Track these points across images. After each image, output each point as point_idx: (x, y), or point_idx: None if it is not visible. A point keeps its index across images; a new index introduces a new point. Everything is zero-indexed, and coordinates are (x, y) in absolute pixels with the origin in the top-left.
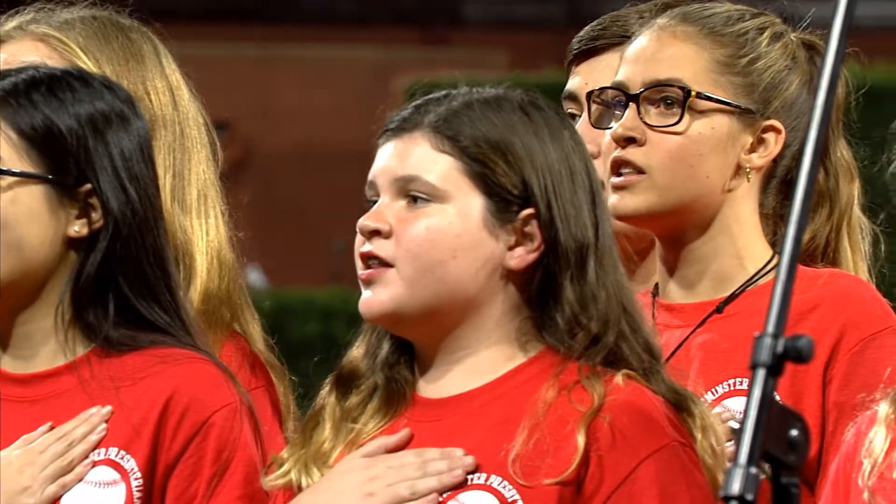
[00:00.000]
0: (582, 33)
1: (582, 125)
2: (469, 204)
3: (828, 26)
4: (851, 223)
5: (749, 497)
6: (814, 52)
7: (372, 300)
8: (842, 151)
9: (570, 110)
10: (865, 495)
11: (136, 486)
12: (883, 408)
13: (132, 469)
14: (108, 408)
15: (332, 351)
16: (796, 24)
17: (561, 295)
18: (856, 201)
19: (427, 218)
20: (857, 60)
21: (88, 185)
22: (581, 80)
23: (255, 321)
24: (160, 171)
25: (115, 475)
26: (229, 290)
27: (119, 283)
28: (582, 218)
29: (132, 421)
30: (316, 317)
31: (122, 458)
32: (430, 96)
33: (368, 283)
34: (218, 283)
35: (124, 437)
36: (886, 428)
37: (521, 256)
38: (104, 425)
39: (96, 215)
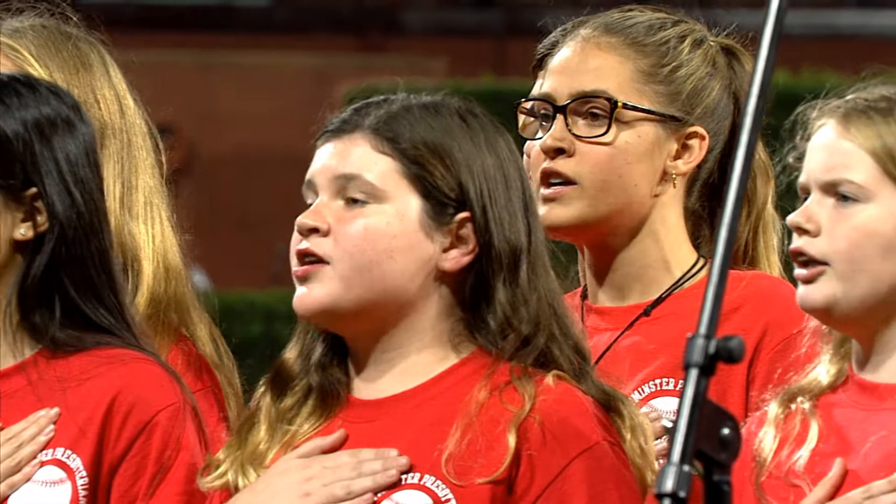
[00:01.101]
0: (546, 39)
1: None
2: (407, 205)
3: (748, 33)
4: (766, 222)
5: (682, 494)
6: (733, 57)
7: (306, 296)
8: (759, 153)
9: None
10: (755, 492)
11: (82, 485)
12: (772, 408)
13: (78, 468)
14: (56, 409)
15: (274, 352)
16: (715, 29)
17: (493, 297)
18: (770, 201)
19: (365, 218)
20: (785, 67)
21: (34, 189)
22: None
23: (203, 323)
24: (109, 180)
25: (62, 474)
26: (176, 294)
27: (65, 285)
28: (516, 223)
29: (78, 421)
30: (258, 318)
31: (68, 458)
32: (370, 100)
33: (303, 279)
34: (164, 288)
35: (70, 436)
36: (775, 428)
37: (455, 258)
38: (52, 427)
39: (41, 218)
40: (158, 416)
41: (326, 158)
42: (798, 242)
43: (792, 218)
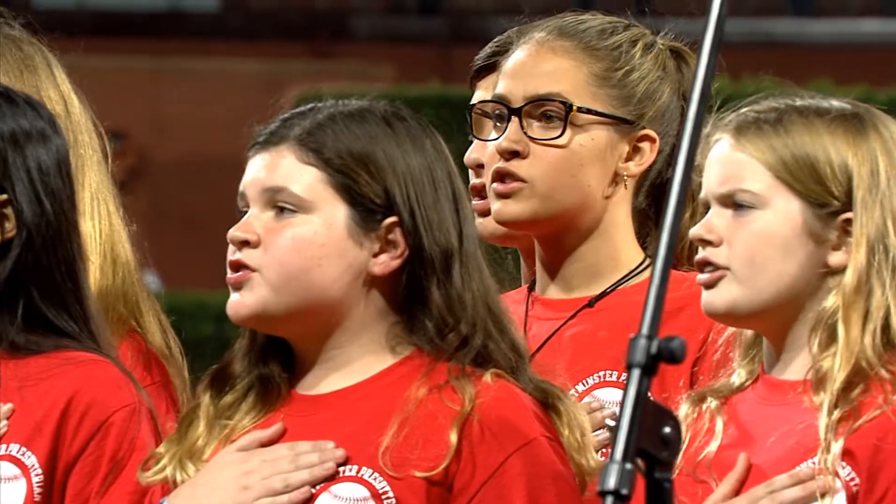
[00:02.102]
0: (482, 51)
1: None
2: (334, 214)
3: (689, 41)
4: None
5: (624, 491)
6: (681, 61)
7: (238, 303)
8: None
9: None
10: None
11: (37, 482)
12: (683, 408)
13: (33, 465)
14: (9, 405)
15: (224, 351)
16: (661, 34)
17: (428, 299)
18: None
19: (293, 228)
20: (725, 74)
21: (4, 196)
22: (483, 94)
23: (154, 316)
24: None
25: (17, 471)
26: (124, 286)
27: (30, 291)
28: (445, 224)
29: (34, 419)
30: (209, 319)
31: (23, 455)
32: (297, 110)
33: (235, 287)
34: (112, 280)
35: (26, 434)
36: (686, 427)
37: (384, 263)
38: (5, 422)
39: (10, 225)
40: (114, 416)
41: (255, 171)
42: (702, 253)
43: (694, 231)
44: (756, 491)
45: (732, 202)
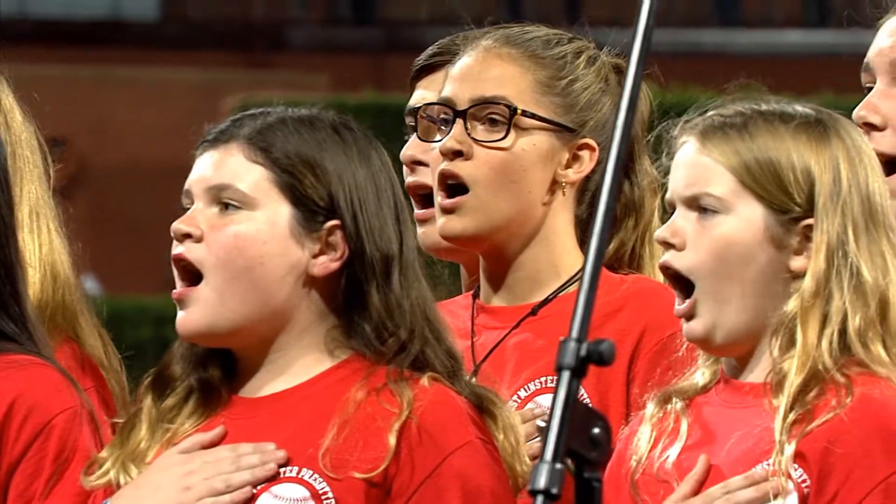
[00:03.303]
0: (425, 52)
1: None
2: (277, 212)
3: (625, 52)
4: (652, 232)
5: (554, 490)
6: (622, 76)
7: (186, 320)
8: (646, 166)
9: (413, 125)
10: (630, 489)
11: None
12: (649, 408)
13: None
14: None
15: (164, 354)
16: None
17: (368, 304)
18: (656, 213)
19: (236, 224)
20: (656, 83)
21: None
22: (422, 94)
23: (92, 329)
24: None
25: None
26: (64, 301)
27: None
28: (387, 232)
29: None
30: (149, 322)
31: None
32: (247, 112)
33: (180, 303)
34: (52, 294)
35: None
36: (651, 427)
37: (324, 264)
38: None
39: None
40: (56, 419)
41: (203, 168)
42: (665, 257)
43: (659, 233)
44: (713, 492)
45: (697, 205)
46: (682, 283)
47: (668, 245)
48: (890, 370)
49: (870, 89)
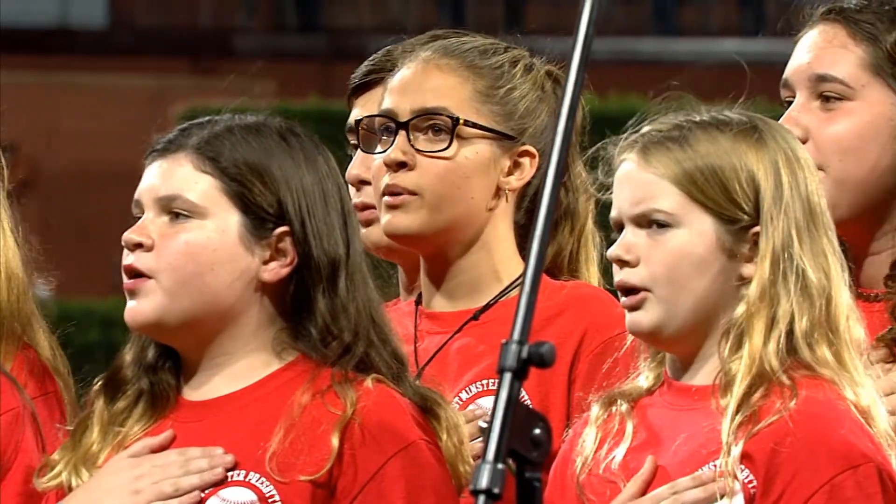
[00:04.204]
0: (358, 70)
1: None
2: (227, 220)
3: (564, 60)
4: (587, 237)
5: (496, 490)
6: (556, 84)
7: (135, 310)
8: (580, 172)
9: (354, 142)
10: (576, 490)
11: None
12: (594, 410)
13: None
14: None
15: (112, 357)
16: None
17: (314, 307)
18: (591, 218)
19: (187, 233)
20: (592, 91)
21: None
22: (360, 111)
23: (44, 331)
24: None
25: None
26: (19, 304)
27: None
28: (334, 236)
29: None
30: (97, 325)
31: None
32: (195, 121)
33: (132, 293)
34: (7, 297)
35: None
36: (597, 429)
37: (274, 270)
38: None
39: None
40: None
41: (152, 178)
42: (620, 275)
43: (612, 252)
44: (660, 492)
45: (647, 221)
46: (635, 291)
47: (621, 263)
48: (834, 372)
49: (790, 103)
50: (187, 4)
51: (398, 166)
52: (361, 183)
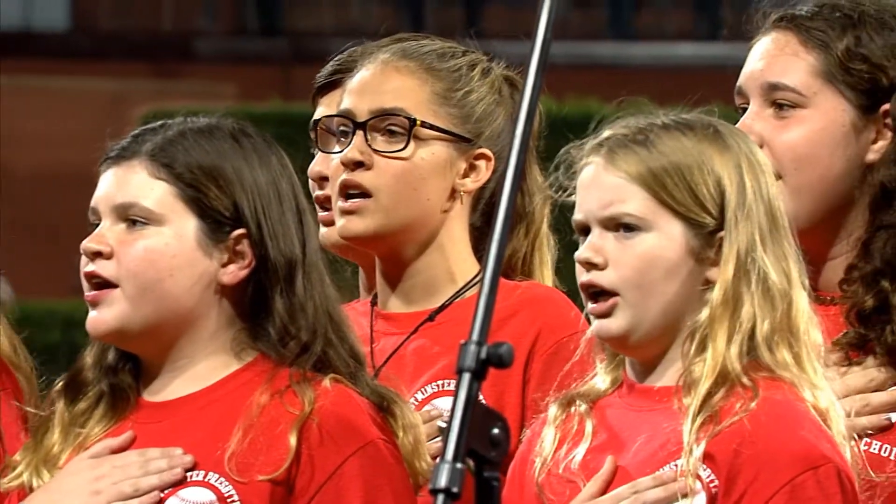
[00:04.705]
0: (323, 69)
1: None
2: (184, 226)
3: (522, 64)
4: (542, 240)
5: (455, 489)
6: (514, 88)
7: (98, 319)
8: (536, 176)
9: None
10: (535, 490)
11: None
12: (552, 410)
13: None
14: None
15: (73, 358)
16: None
17: (272, 307)
18: (546, 221)
19: (145, 240)
20: (550, 95)
21: None
22: (325, 110)
23: (4, 327)
24: None
25: None
26: None
27: None
28: (290, 236)
29: None
30: (58, 326)
31: None
32: (147, 126)
33: (94, 303)
34: None
35: None
36: (555, 429)
37: (233, 273)
38: None
39: None
40: None
41: (107, 186)
42: (587, 276)
43: (580, 254)
44: (621, 492)
45: (616, 224)
46: (602, 293)
47: (590, 265)
48: (793, 374)
49: (744, 110)
50: (149, 8)
51: (355, 165)
52: (323, 179)
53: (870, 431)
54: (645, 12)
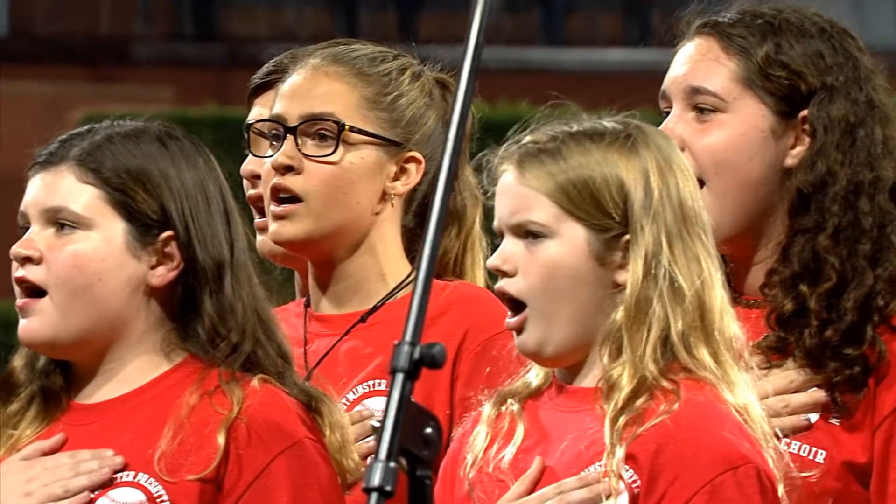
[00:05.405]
0: (260, 70)
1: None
2: (112, 230)
3: (456, 69)
4: (473, 241)
5: (388, 488)
6: (446, 90)
7: (29, 330)
8: (468, 177)
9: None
10: (466, 488)
11: None
12: (486, 409)
13: None
14: None
15: (8, 358)
16: (426, 65)
17: (201, 308)
18: (478, 221)
19: (74, 244)
20: (482, 99)
21: None
22: (260, 110)
23: None
24: None
25: None
26: None
27: None
28: (218, 237)
29: None
30: None
31: None
32: (75, 131)
33: (24, 312)
34: None
35: None
36: (488, 427)
37: (162, 275)
38: None
39: None
40: None
41: (36, 191)
42: (500, 283)
43: (491, 261)
44: (546, 492)
45: (524, 232)
46: (516, 303)
47: (500, 272)
48: (712, 374)
49: (668, 114)
50: (86, 12)
51: (285, 170)
52: (255, 177)
53: (790, 432)
54: (576, 18)
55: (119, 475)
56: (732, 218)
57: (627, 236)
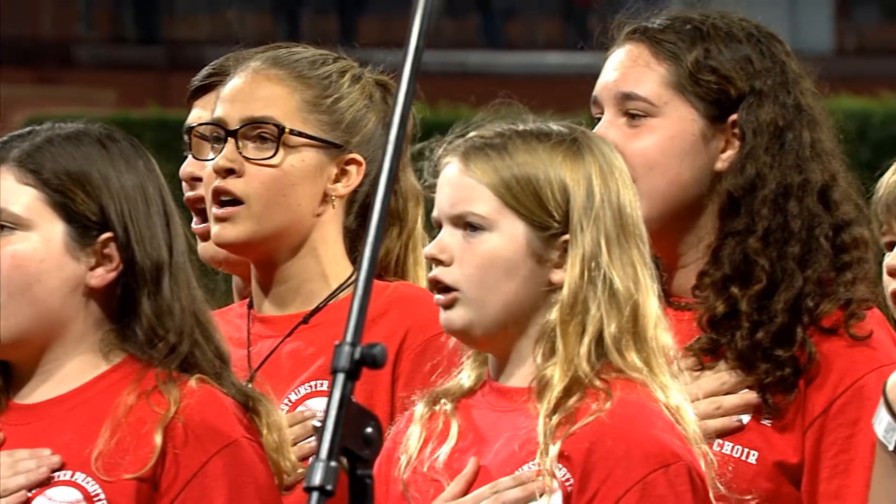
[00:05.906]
0: (200, 72)
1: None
2: (51, 231)
3: (396, 72)
4: (415, 241)
5: (329, 487)
6: (386, 92)
7: None
8: (410, 179)
9: (189, 142)
10: (401, 487)
11: None
12: (419, 408)
13: None
14: None
15: None
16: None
17: (139, 309)
18: (419, 222)
19: (12, 245)
20: (423, 101)
21: None
22: (199, 112)
23: None
24: None
25: None
26: None
27: None
28: (157, 239)
29: None
30: None
31: None
32: (16, 133)
33: None
34: None
35: None
36: (421, 426)
37: (101, 276)
38: None
39: None
40: None
41: None
42: (434, 272)
43: (427, 250)
44: (482, 492)
45: (463, 223)
46: (448, 290)
47: (436, 261)
48: (644, 376)
49: (600, 119)
50: (28, 15)
51: (226, 173)
52: (194, 179)
53: (722, 433)
54: (515, 22)
55: (56, 474)
56: (657, 214)
57: (566, 237)
